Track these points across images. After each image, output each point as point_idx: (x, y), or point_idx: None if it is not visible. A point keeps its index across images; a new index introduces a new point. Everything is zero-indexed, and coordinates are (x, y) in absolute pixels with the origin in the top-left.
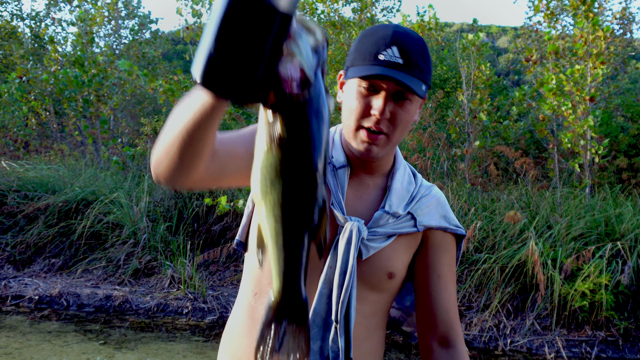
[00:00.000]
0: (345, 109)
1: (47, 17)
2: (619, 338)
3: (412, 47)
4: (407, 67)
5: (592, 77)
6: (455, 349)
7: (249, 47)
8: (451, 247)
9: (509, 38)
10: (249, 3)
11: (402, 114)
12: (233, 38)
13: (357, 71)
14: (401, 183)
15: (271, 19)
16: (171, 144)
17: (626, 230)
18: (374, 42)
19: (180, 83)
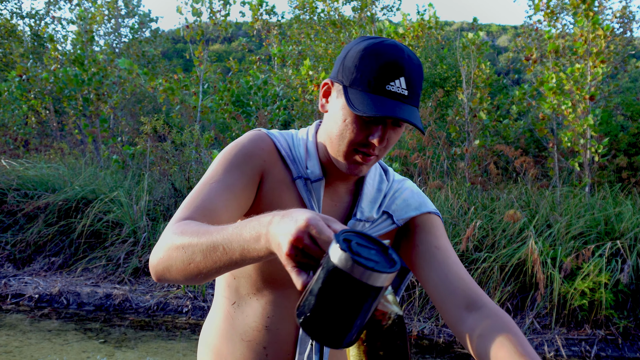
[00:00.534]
0: (337, 128)
1: (47, 16)
2: (619, 337)
3: (415, 75)
4: (410, 99)
5: (592, 75)
6: (486, 308)
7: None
8: (437, 224)
9: (509, 37)
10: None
11: (395, 136)
12: (332, 306)
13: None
14: (372, 185)
15: (369, 294)
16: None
17: (626, 229)
18: (382, 69)
19: (180, 82)
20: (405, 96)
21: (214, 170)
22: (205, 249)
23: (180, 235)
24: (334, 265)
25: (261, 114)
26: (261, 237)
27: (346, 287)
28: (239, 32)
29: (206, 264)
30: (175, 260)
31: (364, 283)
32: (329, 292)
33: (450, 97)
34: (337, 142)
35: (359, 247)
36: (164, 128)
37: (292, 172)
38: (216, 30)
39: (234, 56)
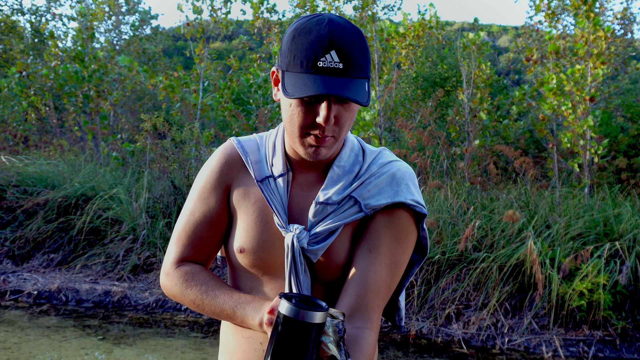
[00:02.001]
0: (286, 115)
1: (47, 12)
2: (617, 338)
3: (350, 45)
4: (347, 71)
5: (592, 77)
6: (362, 331)
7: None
8: (397, 223)
9: (510, 37)
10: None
11: (346, 114)
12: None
13: (296, 84)
14: (342, 168)
15: (310, 331)
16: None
17: (625, 230)
18: (309, 45)
19: (181, 79)
20: (340, 69)
21: (191, 202)
22: (213, 310)
23: (190, 289)
24: (281, 314)
25: (261, 112)
26: (257, 316)
27: (293, 328)
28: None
29: (212, 316)
30: (188, 305)
31: (304, 322)
32: (281, 336)
33: (450, 97)
34: (290, 128)
35: (299, 302)
36: (164, 125)
37: (254, 174)
38: (217, 28)
39: (235, 54)
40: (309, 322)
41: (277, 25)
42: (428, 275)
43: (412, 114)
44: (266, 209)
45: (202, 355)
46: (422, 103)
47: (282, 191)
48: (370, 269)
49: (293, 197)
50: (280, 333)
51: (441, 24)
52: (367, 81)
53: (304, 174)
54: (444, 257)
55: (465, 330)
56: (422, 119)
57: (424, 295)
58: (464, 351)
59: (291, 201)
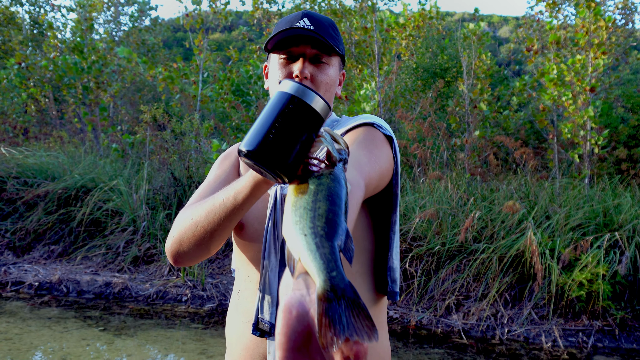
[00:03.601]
0: (271, 84)
1: (46, 3)
2: (616, 328)
3: (321, 20)
4: (318, 32)
5: (593, 67)
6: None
7: (293, 134)
8: (368, 132)
9: (511, 28)
10: (299, 105)
11: (321, 75)
12: (278, 126)
13: (272, 41)
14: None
15: (310, 116)
16: (205, 238)
17: (624, 221)
18: (287, 21)
19: (180, 70)
20: (312, 30)
21: (213, 172)
22: (207, 207)
23: (186, 209)
24: (282, 91)
25: (261, 104)
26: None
27: (291, 107)
28: (239, 21)
29: (209, 221)
30: (184, 231)
31: (305, 102)
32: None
33: (450, 88)
34: (273, 92)
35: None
36: (163, 117)
37: None
38: (216, 19)
39: (234, 45)
40: (309, 104)
41: (277, 16)
42: (428, 266)
43: (412, 104)
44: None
45: (203, 346)
46: (422, 94)
47: None
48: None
49: None
50: (272, 110)
51: (441, 15)
52: (339, 51)
53: None
54: (444, 248)
55: (465, 320)
56: (422, 110)
57: (424, 286)
58: (464, 342)
59: None
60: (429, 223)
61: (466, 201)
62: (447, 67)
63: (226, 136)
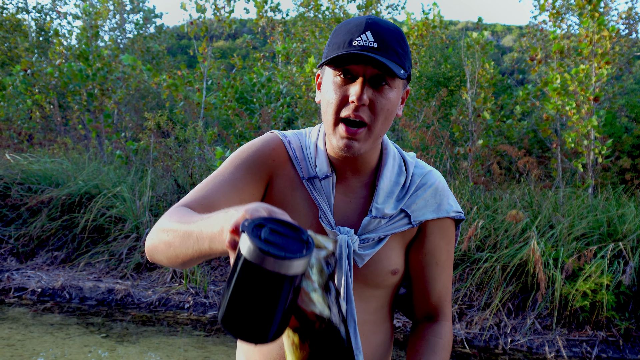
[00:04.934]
0: (323, 103)
1: (52, 11)
2: (620, 338)
3: (386, 32)
4: (382, 51)
5: (596, 77)
6: (439, 324)
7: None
8: (449, 233)
9: (514, 37)
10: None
11: (382, 100)
12: (247, 300)
13: (328, 59)
14: (389, 179)
15: (283, 284)
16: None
17: (628, 231)
18: (347, 31)
19: (184, 78)
20: (375, 47)
21: (223, 166)
22: (182, 235)
23: (169, 220)
24: (242, 255)
25: (264, 112)
26: (223, 234)
27: (257, 279)
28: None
29: (182, 250)
30: (160, 243)
31: (274, 273)
32: (241, 285)
33: (454, 97)
34: (325, 117)
35: (272, 235)
36: (167, 124)
37: (300, 172)
38: (220, 27)
39: (238, 53)
40: (280, 274)
41: (281, 24)
42: None
43: (415, 113)
44: (311, 211)
45: (205, 353)
46: (426, 102)
47: (329, 192)
48: (441, 279)
49: (336, 201)
50: (238, 279)
51: (445, 24)
52: (404, 71)
53: (346, 179)
54: None
55: (468, 330)
56: (425, 119)
57: None
58: (467, 351)
59: (335, 205)
60: None
61: (469, 210)
62: (450, 76)
63: (230, 143)
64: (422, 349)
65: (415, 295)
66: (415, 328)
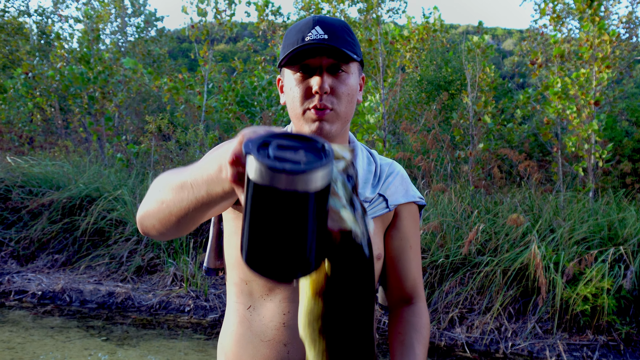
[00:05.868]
0: (288, 101)
1: (54, 14)
2: (621, 343)
3: (334, 25)
4: (333, 41)
5: (597, 81)
6: (416, 305)
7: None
8: (417, 217)
9: (515, 41)
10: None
11: (342, 86)
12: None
13: (285, 58)
14: (362, 167)
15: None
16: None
17: (629, 235)
18: (298, 30)
19: (185, 81)
20: (326, 39)
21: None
22: (175, 188)
23: (159, 179)
24: (251, 180)
25: (265, 115)
26: (222, 167)
27: (274, 203)
28: (244, 33)
29: (176, 205)
30: (151, 203)
31: (293, 192)
32: (258, 214)
33: (454, 100)
34: (292, 112)
35: (281, 151)
36: (168, 127)
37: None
38: (221, 30)
39: (239, 56)
40: (302, 192)
41: (282, 27)
42: (431, 278)
43: (416, 117)
44: None
45: (205, 357)
46: (427, 106)
47: None
48: (414, 262)
49: None
50: (254, 211)
51: (445, 27)
52: (357, 56)
53: None
54: (447, 260)
55: (468, 334)
56: (426, 122)
57: (427, 299)
58: (468, 355)
59: None
60: (432, 235)
61: (470, 214)
62: (451, 80)
63: None
64: (405, 329)
65: (391, 280)
66: (394, 312)
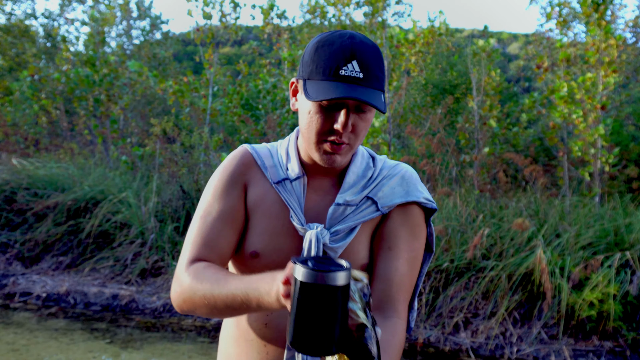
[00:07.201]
0: (305, 122)
1: (60, 17)
2: (627, 349)
3: (370, 58)
4: (366, 81)
5: (603, 85)
6: (390, 321)
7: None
8: (413, 220)
9: (520, 44)
10: (317, 291)
11: (362, 124)
12: (310, 317)
13: (319, 89)
14: (356, 173)
15: (335, 295)
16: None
17: (635, 240)
18: (334, 56)
19: (190, 84)
20: (360, 79)
21: (206, 202)
22: (226, 298)
23: (200, 283)
24: (299, 280)
25: (270, 118)
26: (272, 290)
27: (314, 295)
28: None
29: (227, 311)
30: (199, 306)
31: (326, 285)
32: (302, 306)
33: (460, 104)
34: (307, 135)
35: (317, 264)
36: (173, 130)
37: (270, 177)
38: (226, 34)
39: (244, 59)
40: (332, 285)
41: (287, 31)
42: (436, 283)
43: (421, 120)
44: (282, 212)
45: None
46: (432, 110)
47: (299, 192)
48: (392, 265)
49: (308, 201)
50: (300, 303)
51: (451, 31)
52: (383, 94)
53: (318, 179)
54: (452, 265)
55: (473, 339)
56: (431, 126)
57: (432, 303)
58: None
59: (306, 204)
60: (437, 239)
61: (475, 218)
62: (456, 84)
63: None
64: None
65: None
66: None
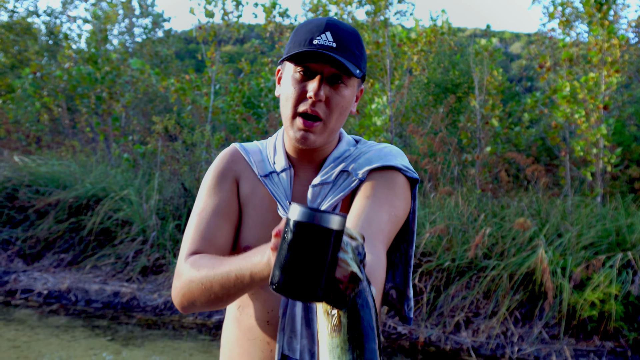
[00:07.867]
0: (282, 97)
1: (62, 14)
2: (628, 349)
3: (345, 34)
4: (340, 51)
5: (606, 85)
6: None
7: (314, 263)
8: (392, 180)
9: (522, 44)
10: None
11: (338, 97)
12: (301, 258)
13: (292, 56)
14: (335, 157)
15: (328, 238)
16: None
17: (637, 241)
18: (308, 30)
19: (192, 82)
20: (334, 47)
21: (201, 200)
22: (221, 279)
23: (197, 270)
24: (293, 220)
25: (272, 116)
26: (264, 258)
27: (309, 236)
28: (251, 34)
29: (223, 292)
30: (197, 294)
31: (321, 226)
32: (293, 247)
33: (462, 104)
34: (284, 110)
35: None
36: (175, 128)
37: (257, 171)
38: (228, 32)
39: (246, 58)
40: (327, 227)
41: (289, 29)
42: (437, 282)
43: (423, 119)
44: (272, 205)
45: (210, 357)
46: (434, 109)
47: (286, 184)
48: (371, 210)
49: (295, 192)
50: (291, 242)
51: (453, 30)
52: (360, 71)
53: (303, 169)
54: (453, 264)
55: (474, 338)
56: (433, 125)
57: (433, 302)
58: (473, 359)
59: (294, 195)
60: (439, 239)
61: (477, 217)
62: (458, 83)
63: None
64: None
65: None
66: None
